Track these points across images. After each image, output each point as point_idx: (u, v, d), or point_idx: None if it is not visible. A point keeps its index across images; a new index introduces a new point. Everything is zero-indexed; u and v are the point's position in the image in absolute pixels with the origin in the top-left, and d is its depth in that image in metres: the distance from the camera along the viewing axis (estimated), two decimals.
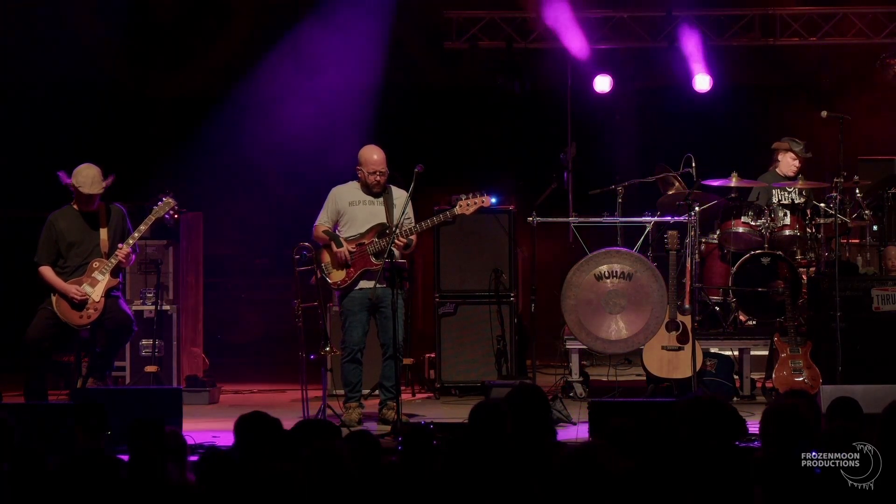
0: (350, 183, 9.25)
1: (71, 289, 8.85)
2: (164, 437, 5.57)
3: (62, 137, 12.72)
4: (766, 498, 4.91)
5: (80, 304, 8.85)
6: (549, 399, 6.14)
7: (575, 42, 12.64)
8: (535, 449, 5.45)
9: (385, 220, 9.07)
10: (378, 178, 9.08)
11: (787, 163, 10.91)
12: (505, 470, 5.06)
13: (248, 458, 5.28)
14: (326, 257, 9.14)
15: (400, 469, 5.28)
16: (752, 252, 10.41)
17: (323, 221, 9.21)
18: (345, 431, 6.60)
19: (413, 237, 9.10)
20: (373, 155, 9.10)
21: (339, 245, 9.06)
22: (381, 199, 9.14)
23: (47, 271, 8.95)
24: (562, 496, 4.47)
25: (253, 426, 5.53)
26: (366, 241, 9.07)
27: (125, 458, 5.17)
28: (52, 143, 12.75)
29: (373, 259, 9.04)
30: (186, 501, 4.96)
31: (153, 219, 9.01)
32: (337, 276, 9.11)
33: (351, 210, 9.16)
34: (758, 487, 4.96)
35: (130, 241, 8.94)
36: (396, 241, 8.90)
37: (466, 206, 9.15)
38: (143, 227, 8.98)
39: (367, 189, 9.13)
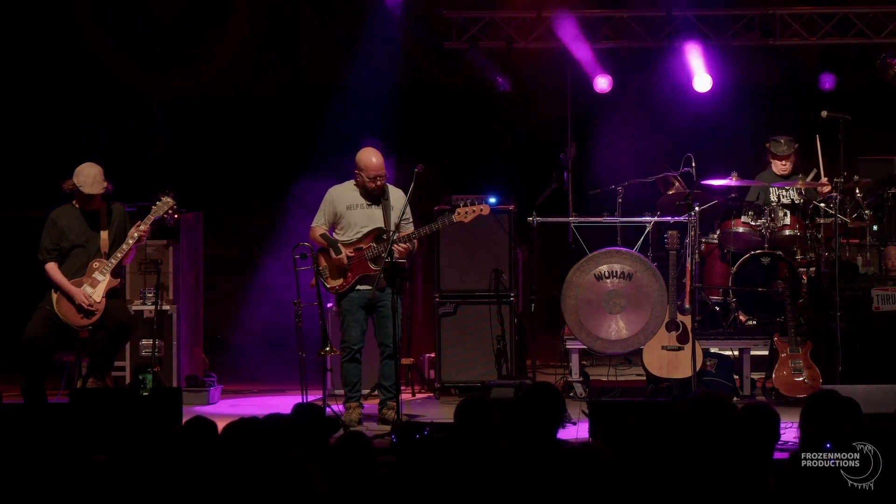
0: (347, 183, 9.19)
1: (79, 294, 8.82)
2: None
3: (62, 138, 12.71)
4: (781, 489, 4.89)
5: (86, 311, 8.83)
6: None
7: None
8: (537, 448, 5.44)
9: (383, 225, 9.03)
10: (378, 182, 9.01)
11: (776, 164, 10.97)
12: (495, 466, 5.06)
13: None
14: (324, 262, 9.11)
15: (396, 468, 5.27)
16: (752, 252, 10.42)
17: (320, 223, 9.16)
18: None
19: (408, 244, 9.07)
20: (372, 158, 9.01)
21: (338, 252, 9.01)
22: (378, 203, 9.10)
23: (53, 269, 8.92)
24: (556, 496, 4.45)
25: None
26: (363, 247, 9.03)
27: None
28: (52, 144, 12.74)
29: (371, 265, 9.00)
30: None
31: (152, 218, 9.01)
32: (334, 281, 9.08)
33: (349, 214, 9.11)
34: (772, 478, 4.94)
35: (130, 242, 8.92)
36: (396, 246, 8.88)
37: (465, 214, 9.10)
38: (143, 227, 8.98)
39: (366, 192, 9.09)
